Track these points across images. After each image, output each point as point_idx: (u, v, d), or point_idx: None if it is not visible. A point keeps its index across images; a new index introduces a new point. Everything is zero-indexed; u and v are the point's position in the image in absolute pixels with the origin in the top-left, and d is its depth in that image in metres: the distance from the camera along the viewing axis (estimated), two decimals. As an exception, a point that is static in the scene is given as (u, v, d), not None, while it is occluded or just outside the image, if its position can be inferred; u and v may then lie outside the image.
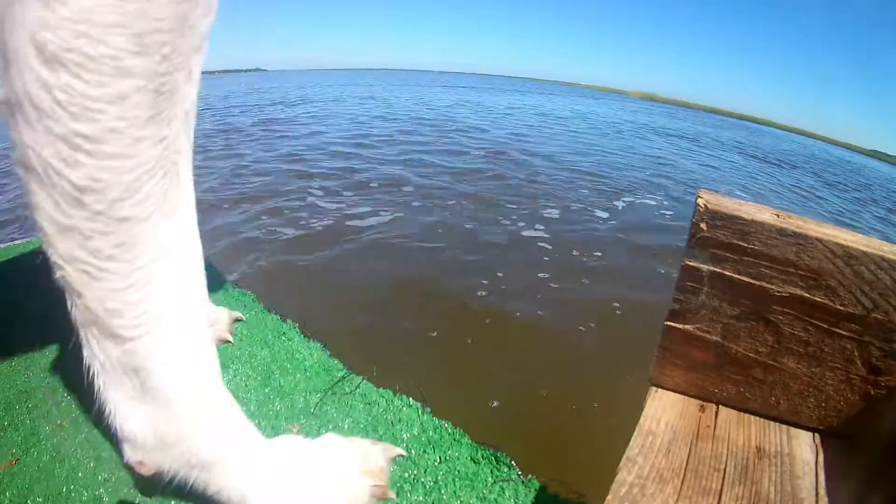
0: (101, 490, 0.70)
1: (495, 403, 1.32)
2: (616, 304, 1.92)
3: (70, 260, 0.49)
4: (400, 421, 0.86)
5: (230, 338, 1.00)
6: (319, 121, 6.40)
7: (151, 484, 0.66)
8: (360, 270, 2.03)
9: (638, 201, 3.45)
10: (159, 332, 0.55)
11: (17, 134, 0.44)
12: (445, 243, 2.33)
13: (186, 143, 0.54)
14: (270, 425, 0.83)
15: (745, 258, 0.47)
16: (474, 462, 0.78)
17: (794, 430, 0.50)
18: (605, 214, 2.98)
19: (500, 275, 2.08)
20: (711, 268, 0.48)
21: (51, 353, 0.97)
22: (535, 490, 0.74)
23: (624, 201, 3.37)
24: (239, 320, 1.07)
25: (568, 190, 3.49)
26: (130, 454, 0.61)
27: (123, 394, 0.58)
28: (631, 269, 2.25)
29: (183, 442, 0.59)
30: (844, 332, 0.46)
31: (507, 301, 1.88)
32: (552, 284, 2.04)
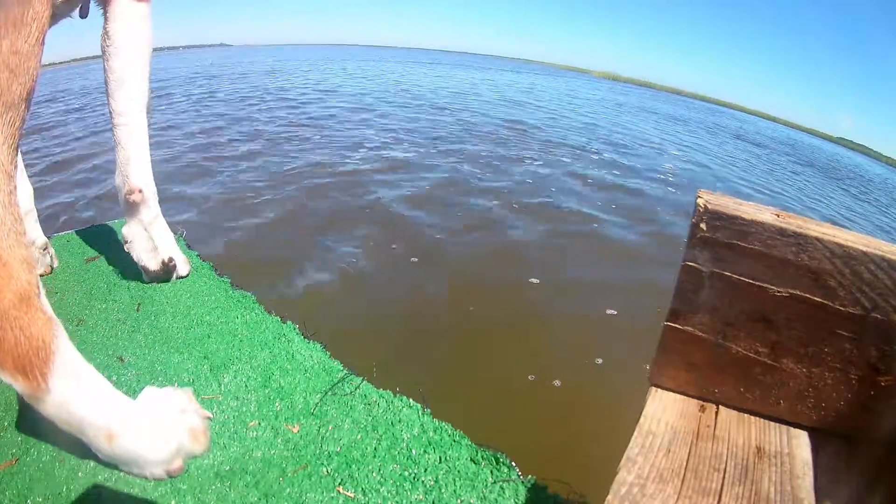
0: (101, 490, 0.70)
1: (496, 403, 1.32)
2: (617, 306, 1.92)
3: None
4: (400, 421, 0.86)
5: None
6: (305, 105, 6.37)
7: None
8: (361, 271, 2.03)
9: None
10: None
11: None
12: (445, 244, 2.33)
13: None
14: (270, 425, 0.83)
15: (745, 258, 0.47)
16: (474, 462, 0.78)
17: (793, 430, 0.50)
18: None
19: (501, 275, 2.08)
20: (711, 268, 0.49)
21: (51, 353, 0.97)
22: (535, 490, 0.74)
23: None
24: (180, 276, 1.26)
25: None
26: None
27: None
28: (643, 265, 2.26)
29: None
30: (844, 333, 0.46)
31: (507, 301, 1.88)
32: (551, 285, 2.04)
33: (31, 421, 0.80)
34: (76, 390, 0.61)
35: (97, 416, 0.63)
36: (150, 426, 0.68)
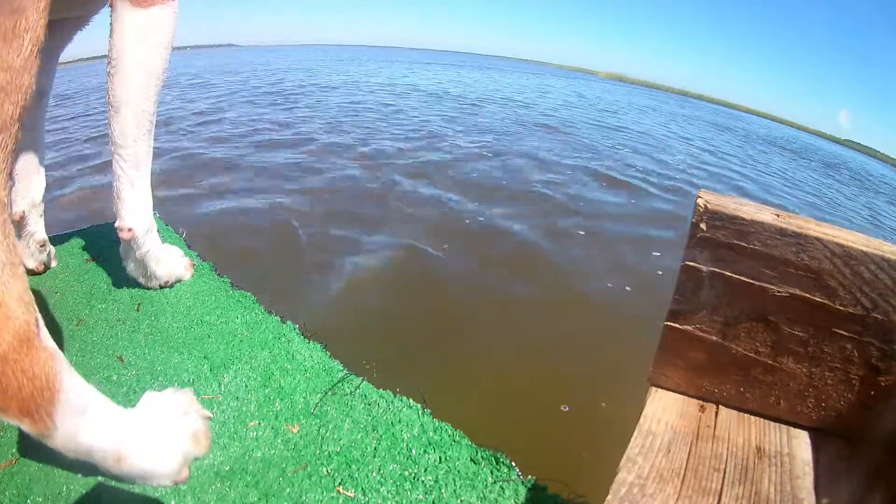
0: (101, 490, 0.70)
1: (496, 404, 1.32)
2: (617, 304, 1.92)
3: None
4: (400, 421, 0.86)
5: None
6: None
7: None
8: (361, 270, 2.03)
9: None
10: None
11: None
12: (445, 243, 2.33)
13: None
14: (270, 425, 0.83)
15: (745, 258, 0.47)
16: (474, 462, 0.78)
17: (793, 430, 0.50)
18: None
19: (501, 275, 2.08)
20: (711, 268, 0.49)
21: (51, 353, 0.97)
22: (535, 490, 0.74)
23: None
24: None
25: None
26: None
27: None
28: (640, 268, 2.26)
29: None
30: (844, 332, 0.46)
31: (507, 301, 1.88)
32: (551, 284, 2.04)
33: (31, 421, 0.80)
34: (83, 422, 0.59)
35: (105, 442, 0.62)
36: (157, 440, 0.67)
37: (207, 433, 0.73)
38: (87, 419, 0.59)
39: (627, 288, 2.07)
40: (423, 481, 0.75)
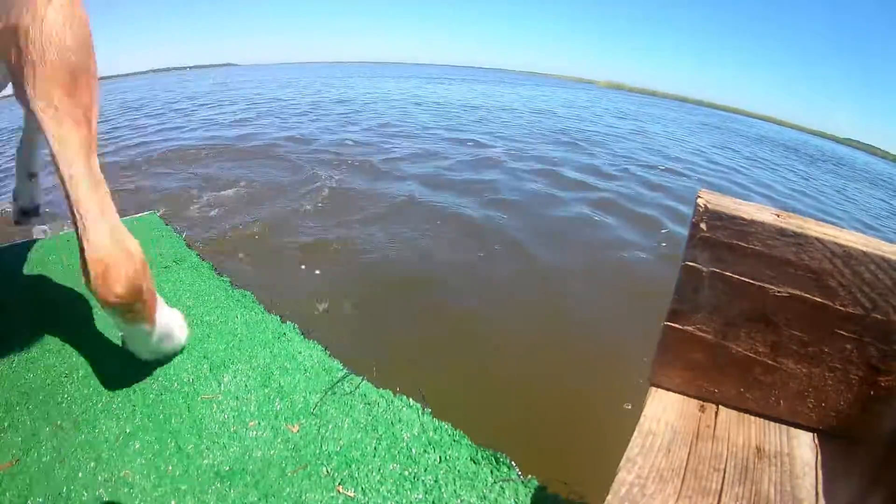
0: (101, 490, 0.70)
1: (496, 404, 1.32)
2: (617, 305, 1.92)
3: None
4: (400, 421, 0.86)
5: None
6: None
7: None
8: (361, 269, 2.02)
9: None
10: None
11: None
12: (446, 243, 2.33)
13: None
14: (270, 425, 0.83)
15: (745, 258, 0.47)
16: (474, 462, 0.78)
17: (793, 430, 0.50)
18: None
19: (502, 274, 2.08)
20: (711, 268, 0.48)
21: (51, 354, 0.97)
22: (535, 490, 0.74)
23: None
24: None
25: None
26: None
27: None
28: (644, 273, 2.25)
29: None
30: (844, 333, 0.46)
31: (508, 301, 1.88)
32: (554, 283, 2.04)
33: (31, 422, 0.80)
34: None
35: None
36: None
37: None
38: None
39: (631, 289, 2.07)
40: (423, 481, 0.75)
